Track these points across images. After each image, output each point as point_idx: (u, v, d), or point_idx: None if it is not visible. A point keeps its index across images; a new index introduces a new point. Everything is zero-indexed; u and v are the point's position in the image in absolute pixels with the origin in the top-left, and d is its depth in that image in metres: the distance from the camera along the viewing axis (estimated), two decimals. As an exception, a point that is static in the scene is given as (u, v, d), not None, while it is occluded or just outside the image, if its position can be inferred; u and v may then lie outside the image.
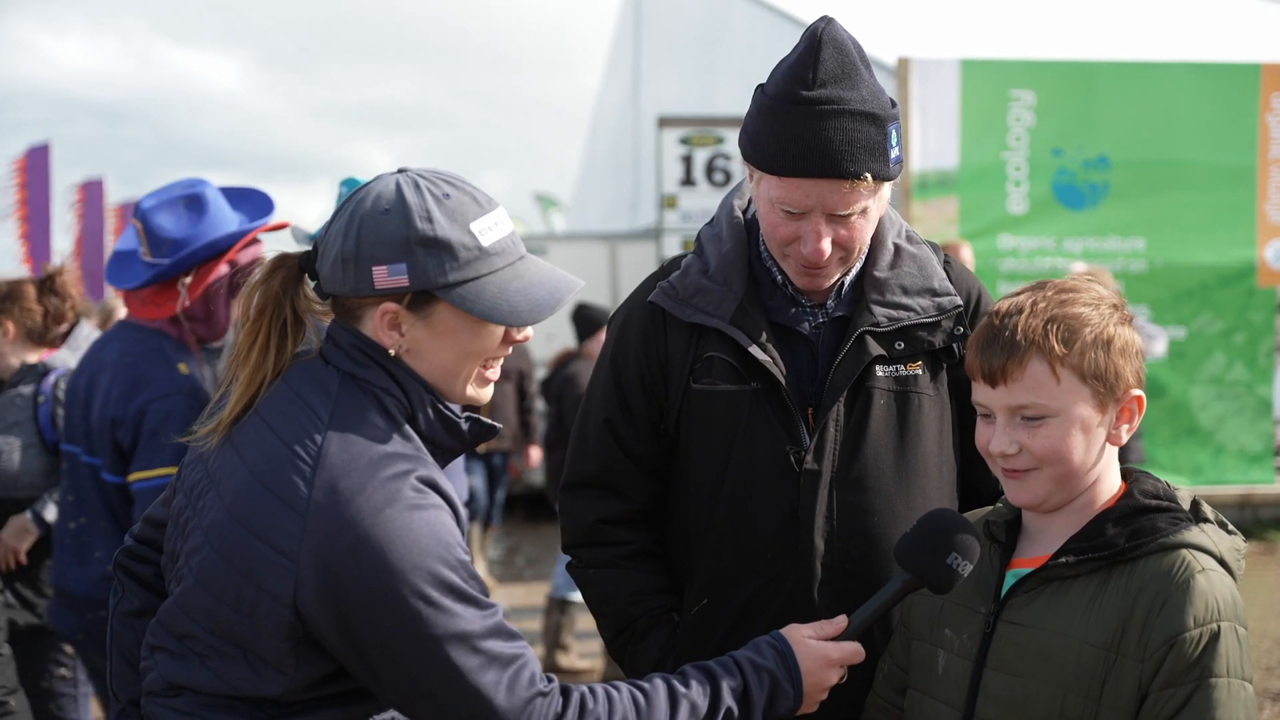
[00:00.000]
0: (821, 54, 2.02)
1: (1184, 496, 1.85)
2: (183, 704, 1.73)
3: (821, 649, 1.88)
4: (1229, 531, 1.84)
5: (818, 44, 2.03)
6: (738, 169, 2.11)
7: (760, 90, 2.11)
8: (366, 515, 1.62)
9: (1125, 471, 1.91)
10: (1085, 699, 1.74)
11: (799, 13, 11.32)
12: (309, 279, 1.81)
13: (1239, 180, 8.93)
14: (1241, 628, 1.71)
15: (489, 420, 1.84)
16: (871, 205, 2.09)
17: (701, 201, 9.79)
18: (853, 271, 2.22)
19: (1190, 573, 1.72)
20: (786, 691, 1.84)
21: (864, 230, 2.12)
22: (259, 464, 1.69)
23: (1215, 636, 1.68)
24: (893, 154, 2.06)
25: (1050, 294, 1.84)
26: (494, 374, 1.84)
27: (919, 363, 2.20)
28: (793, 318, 2.21)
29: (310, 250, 1.81)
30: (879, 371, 2.17)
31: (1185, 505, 1.83)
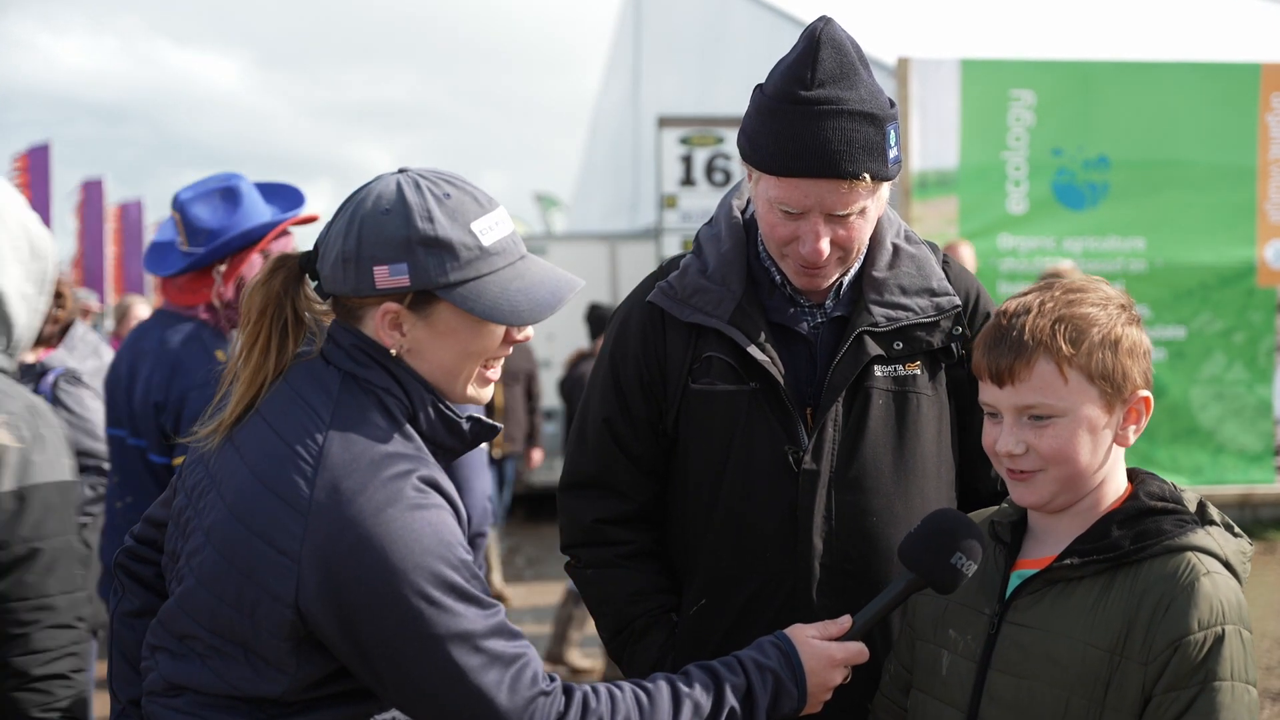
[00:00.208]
0: (820, 54, 2.02)
1: (1190, 499, 1.84)
2: (183, 704, 1.73)
3: (825, 649, 1.87)
4: (1235, 534, 1.82)
5: (816, 44, 2.03)
6: (737, 169, 2.12)
7: (759, 90, 2.11)
8: (368, 515, 1.62)
9: (1131, 473, 1.89)
10: (1089, 701, 1.74)
11: (799, 13, 11.32)
12: (310, 279, 1.81)
13: (1239, 180, 8.92)
14: (1246, 631, 1.70)
15: (490, 420, 1.83)
16: (870, 205, 2.09)
17: (701, 201, 9.78)
18: (851, 271, 2.22)
19: (1195, 575, 1.71)
20: (790, 691, 1.84)
21: (862, 230, 2.12)
22: (260, 464, 1.69)
23: (1220, 640, 1.67)
24: (891, 154, 2.06)
25: (1058, 294, 1.83)
26: (494, 374, 1.84)
27: (917, 363, 2.20)
28: (791, 318, 2.21)
29: (311, 250, 1.81)
30: (877, 371, 2.17)
31: (1191, 507, 1.83)
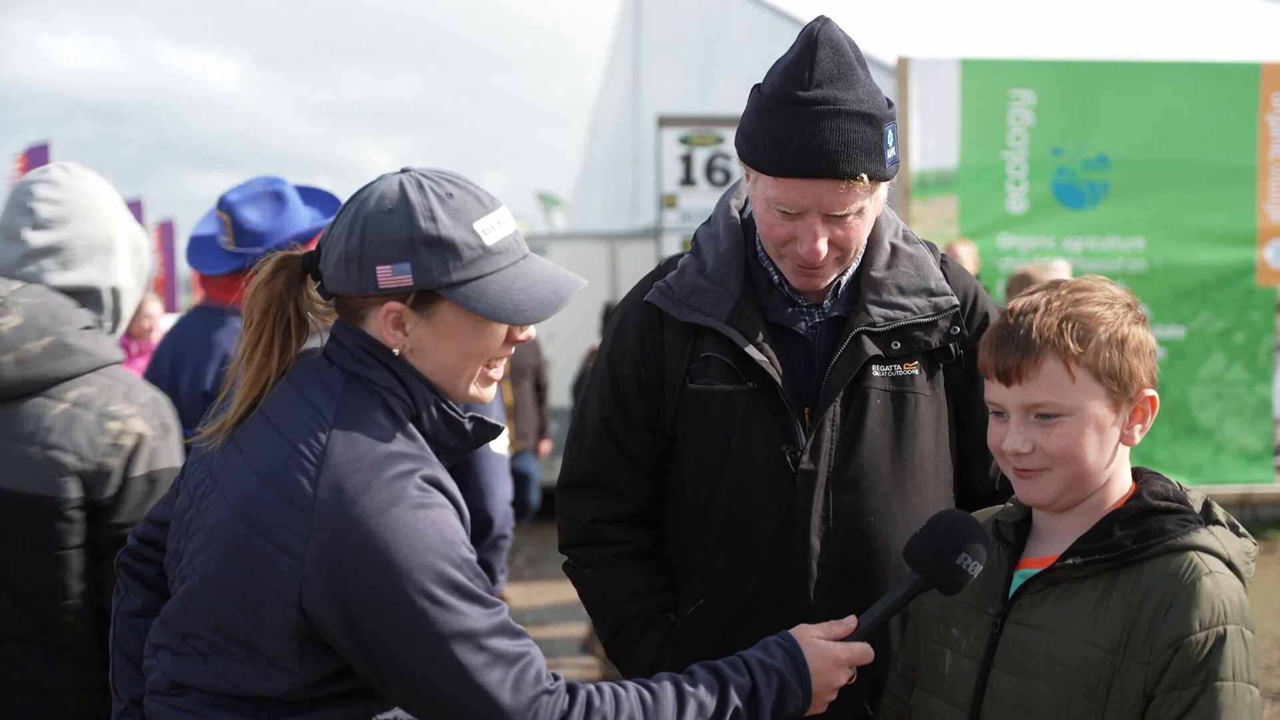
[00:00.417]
0: (818, 54, 2.02)
1: (1196, 498, 1.84)
2: (186, 702, 1.73)
3: (830, 649, 1.87)
4: (1239, 534, 1.82)
5: (814, 44, 2.03)
6: (737, 169, 2.13)
7: (756, 90, 2.11)
8: (371, 514, 1.62)
9: (1136, 472, 1.89)
10: (1091, 701, 1.74)
11: (798, 12, 11.30)
12: (312, 279, 1.81)
13: (1239, 180, 8.91)
14: (1248, 631, 1.70)
15: (493, 420, 1.84)
16: (868, 205, 2.09)
17: (701, 201, 9.77)
18: (849, 271, 2.22)
19: (1197, 575, 1.71)
20: (795, 692, 1.84)
21: (860, 230, 2.12)
22: (264, 463, 1.69)
23: (1221, 640, 1.67)
24: (889, 154, 2.05)
25: (1064, 293, 1.83)
26: (497, 374, 1.85)
27: (915, 363, 2.20)
28: (789, 317, 2.21)
29: (314, 250, 1.81)
30: (875, 371, 2.17)
31: (1197, 507, 1.82)
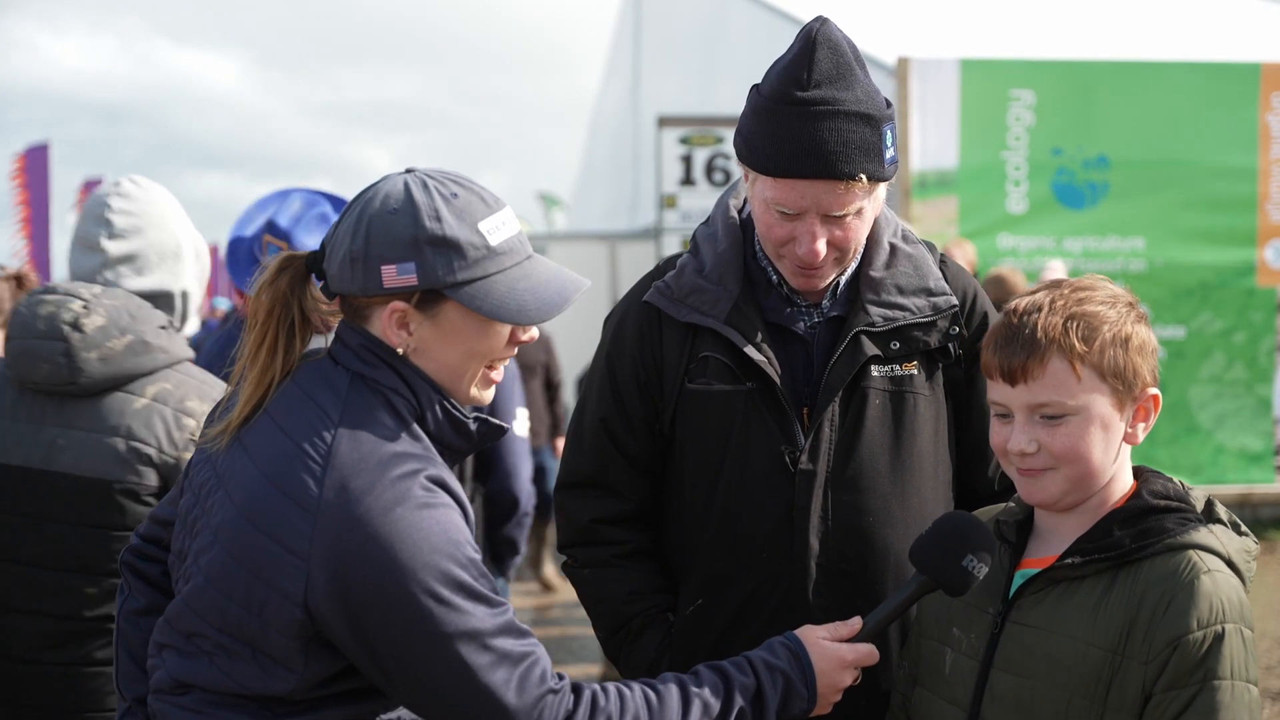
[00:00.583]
0: (816, 54, 2.02)
1: (1198, 497, 1.84)
2: (190, 702, 1.74)
3: (836, 650, 1.88)
4: (1240, 532, 1.82)
5: (813, 44, 2.03)
6: (737, 169, 2.13)
7: (755, 91, 2.11)
8: (377, 514, 1.62)
9: (1136, 471, 1.90)
10: (1090, 701, 1.74)
11: (798, 12, 11.29)
12: (315, 279, 1.82)
13: (1239, 180, 8.91)
14: (1247, 630, 1.70)
15: (497, 421, 1.84)
16: (867, 206, 2.09)
17: (701, 201, 9.76)
18: (848, 271, 2.21)
19: (1196, 574, 1.71)
20: (800, 693, 1.84)
21: (859, 231, 2.12)
22: (269, 463, 1.69)
23: (1219, 639, 1.67)
24: (888, 154, 2.05)
25: (1067, 292, 1.83)
26: (498, 375, 1.85)
27: (914, 362, 2.20)
28: (788, 317, 2.21)
29: (317, 250, 1.82)
30: (874, 371, 2.17)
31: (1199, 505, 1.82)
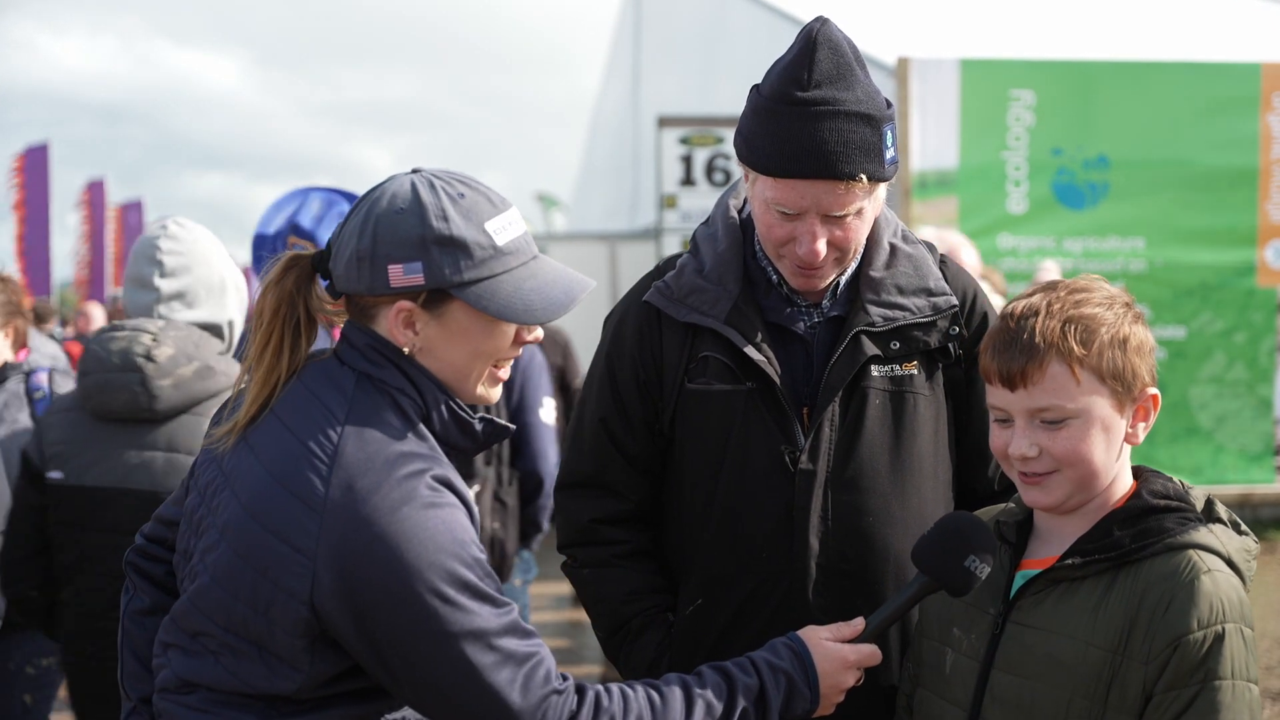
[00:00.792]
0: (817, 55, 2.02)
1: (1198, 496, 1.84)
2: (196, 701, 1.74)
3: (838, 651, 1.88)
4: (1241, 532, 1.82)
5: (813, 45, 2.03)
6: (737, 169, 2.13)
7: (755, 91, 2.11)
8: (383, 513, 1.63)
9: (1136, 471, 1.90)
10: (1091, 701, 1.74)
11: (798, 12, 11.30)
12: (320, 278, 1.82)
13: (1239, 180, 8.90)
14: (1248, 629, 1.70)
15: (502, 421, 1.85)
16: (867, 206, 2.09)
17: (701, 201, 9.76)
18: (848, 271, 2.21)
19: (1196, 573, 1.71)
20: (803, 693, 1.85)
21: (859, 231, 2.12)
22: (276, 462, 1.70)
23: (1220, 638, 1.67)
24: (888, 155, 2.05)
25: (1064, 294, 1.83)
26: (504, 374, 1.86)
27: (914, 362, 2.20)
28: (788, 317, 2.20)
29: (322, 250, 1.82)
30: (874, 371, 2.17)
31: (1199, 505, 1.82)
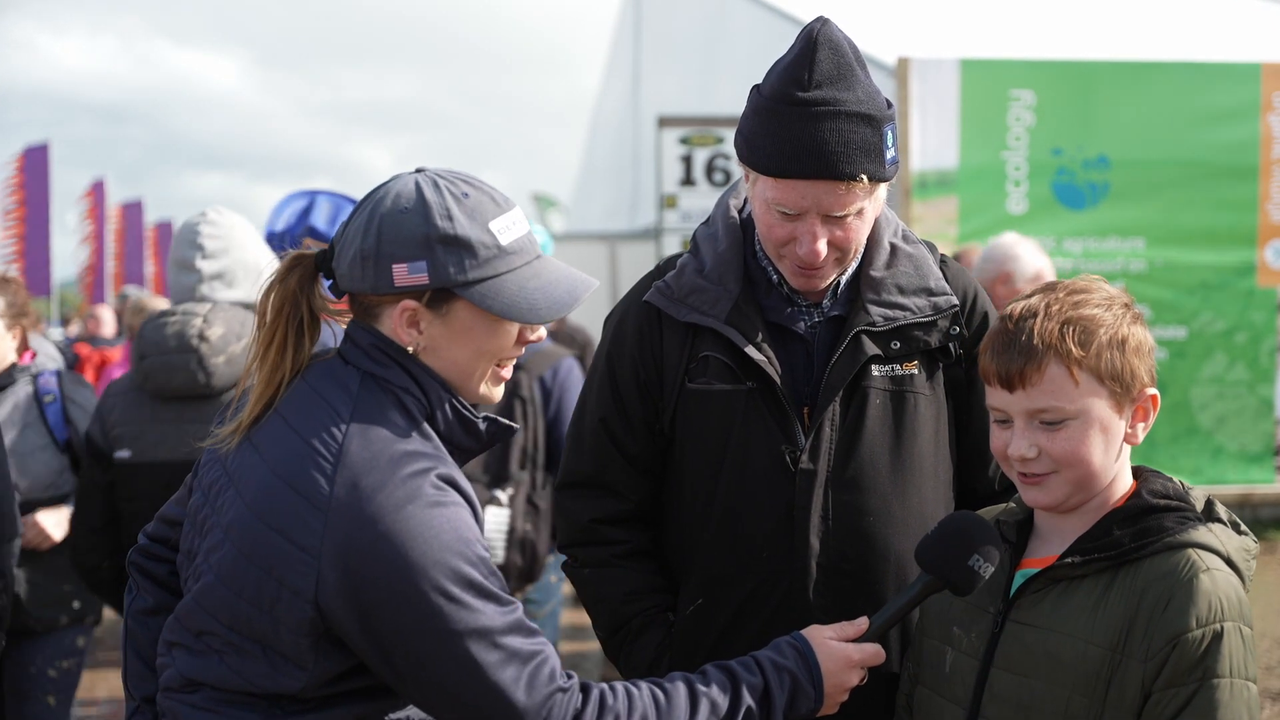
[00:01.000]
0: (817, 55, 2.02)
1: (1198, 496, 1.85)
2: (200, 700, 1.74)
3: (842, 650, 1.89)
4: (1240, 531, 1.83)
5: (814, 45, 2.03)
6: (737, 169, 2.12)
7: (756, 91, 2.10)
8: (388, 512, 1.63)
9: (1136, 470, 1.90)
10: (1090, 699, 1.74)
11: (798, 12, 11.30)
12: (323, 278, 1.82)
13: (1239, 180, 8.90)
14: (1246, 628, 1.71)
15: (506, 421, 1.85)
16: (867, 206, 2.09)
17: (701, 201, 9.76)
18: (849, 271, 2.21)
19: (1194, 572, 1.72)
20: (808, 692, 1.85)
21: (859, 231, 2.12)
22: (280, 461, 1.70)
23: (1218, 637, 1.68)
24: (888, 155, 2.05)
25: (1062, 295, 1.83)
26: (507, 373, 1.87)
27: (915, 362, 2.20)
28: (788, 317, 2.20)
29: (326, 249, 1.82)
30: (875, 371, 2.17)
31: (1199, 505, 1.83)
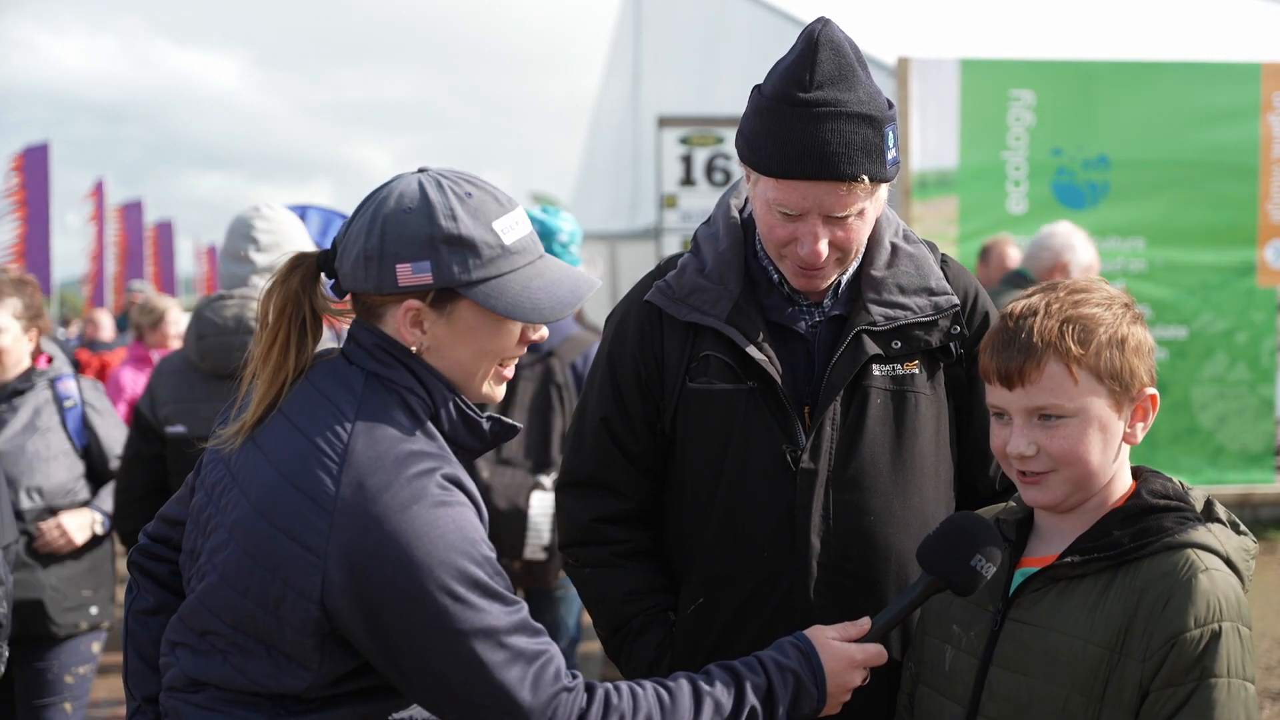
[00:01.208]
0: (818, 56, 2.02)
1: (1197, 496, 1.85)
2: (204, 699, 1.74)
3: (845, 650, 1.89)
4: (1239, 532, 1.83)
5: (815, 45, 2.03)
6: (737, 169, 2.12)
7: (757, 91, 2.10)
8: (393, 512, 1.63)
9: (1136, 470, 1.91)
10: (1088, 698, 1.75)
11: (798, 12, 11.31)
12: (325, 278, 1.83)
13: (1239, 180, 8.90)
14: (1245, 628, 1.71)
15: (510, 420, 1.86)
16: (868, 207, 2.09)
17: (701, 201, 9.76)
18: (850, 270, 2.21)
19: (1193, 572, 1.72)
20: (810, 692, 1.85)
21: (861, 232, 2.12)
22: (285, 461, 1.70)
23: (1216, 636, 1.68)
24: (889, 155, 2.05)
25: (1063, 294, 1.84)
26: (509, 372, 1.87)
27: (916, 362, 2.20)
28: (789, 317, 2.21)
29: (328, 249, 1.82)
30: (876, 370, 2.17)
31: (1199, 505, 1.84)
